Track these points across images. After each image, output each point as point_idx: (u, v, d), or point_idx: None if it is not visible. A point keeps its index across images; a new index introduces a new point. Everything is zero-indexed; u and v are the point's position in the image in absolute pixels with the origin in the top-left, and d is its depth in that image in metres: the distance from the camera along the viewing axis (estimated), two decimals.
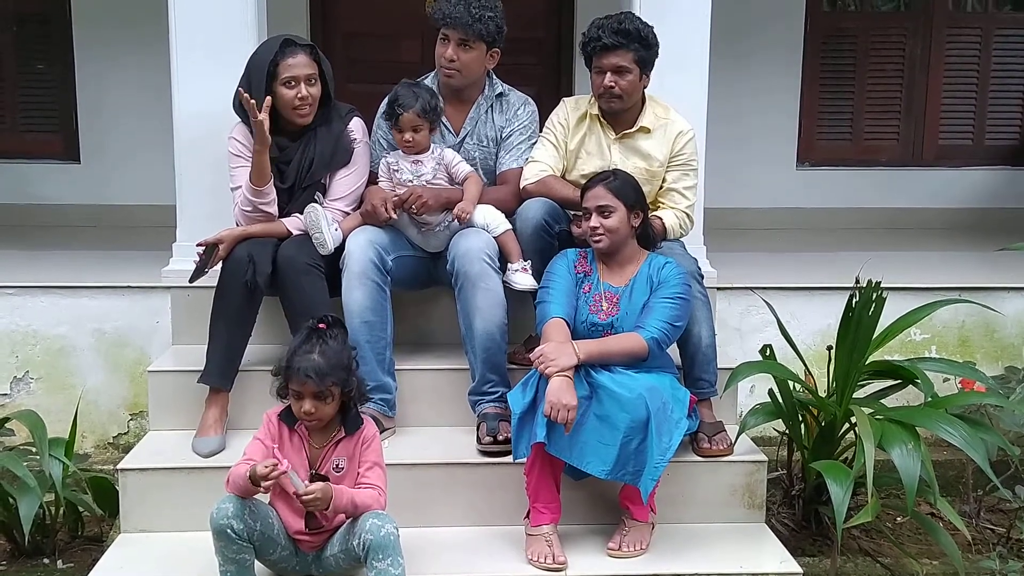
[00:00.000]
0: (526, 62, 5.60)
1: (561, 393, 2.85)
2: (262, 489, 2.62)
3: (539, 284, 3.27)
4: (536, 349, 2.99)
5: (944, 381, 3.63)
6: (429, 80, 3.61)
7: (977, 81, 5.95)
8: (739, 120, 5.60)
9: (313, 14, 5.58)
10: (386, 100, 3.53)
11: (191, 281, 3.33)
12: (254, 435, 2.78)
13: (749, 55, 5.62)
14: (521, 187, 3.51)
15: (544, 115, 3.66)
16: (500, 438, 3.19)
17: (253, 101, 3.19)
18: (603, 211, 3.14)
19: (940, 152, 5.99)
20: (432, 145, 3.45)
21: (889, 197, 5.86)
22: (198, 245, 3.30)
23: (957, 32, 5.93)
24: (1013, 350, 3.89)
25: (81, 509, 3.39)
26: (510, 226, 3.42)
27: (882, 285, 3.28)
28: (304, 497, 2.58)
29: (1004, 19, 5.97)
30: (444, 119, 3.51)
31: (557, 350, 2.95)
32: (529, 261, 3.38)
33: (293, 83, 3.31)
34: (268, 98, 3.23)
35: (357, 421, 2.80)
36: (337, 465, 2.76)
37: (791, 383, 3.31)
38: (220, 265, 3.28)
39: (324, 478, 2.70)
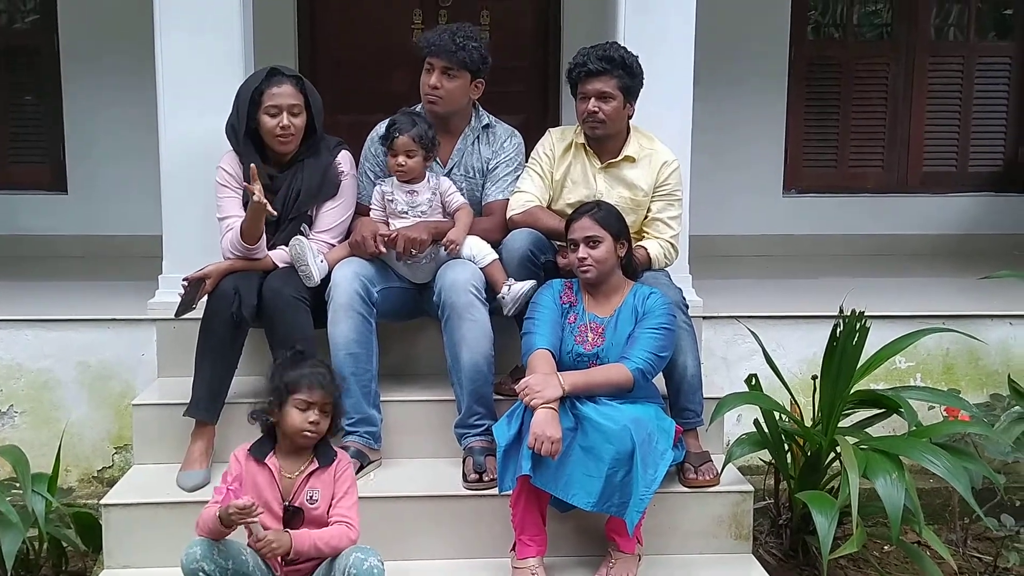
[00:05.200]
0: (513, 90, 5.63)
1: (546, 425, 2.85)
2: (231, 530, 2.60)
3: (529, 302, 3.27)
4: (521, 381, 3.00)
5: (929, 409, 3.64)
6: (418, 108, 3.63)
7: (960, 108, 6.00)
8: (725, 147, 5.64)
9: (302, 46, 5.62)
10: (380, 131, 3.56)
11: (176, 316, 3.32)
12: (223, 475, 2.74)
13: (735, 83, 5.66)
14: (507, 218, 3.52)
15: (530, 144, 3.69)
16: (487, 478, 3.19)
17: (256, 186, 3.21)
18: (590, 242, 3.16)
19: (924, 179, 6.04)
20: (428, 174, 3.46)
21: (875, 224, 5.89)
22: (184, 280, 3.30)
23: (939, 60, 5.99)
24: (997, 377, 3.90)
25: (65, 545, 3.36)
26: (496, 256, 3.42)
27: (866, 313, 3.30)
28: (257, 544, 2.58)
29: (985, 48, 6.03)
30: None
31: (542, 382, 2.95)
32: (512, 279, 3.38)
33: (276, 112, 3.33)
34: (253, 166, 3.23)
35: (331, 454, 2.80)
36: (311, 497, 2.75)
37: (777, 413, 3.32)
38: (206, 298, 3.28)
39: (299, 510, 2.70)
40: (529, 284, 3.31)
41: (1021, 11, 5.99)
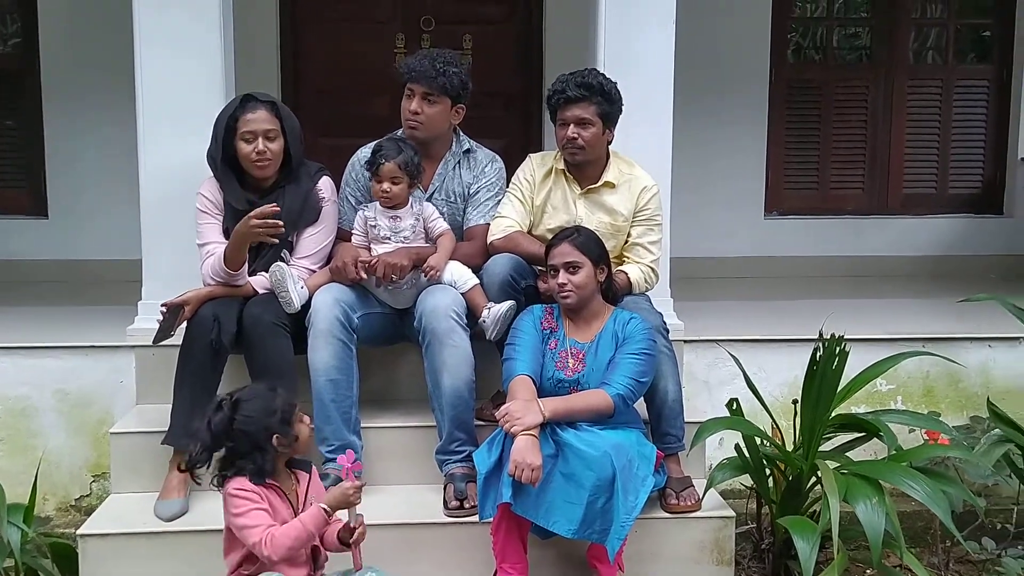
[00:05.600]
0: (495, 114, 5.66)
1: (526, 452, 2.85)
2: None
3: (510, 325, 3.28)
4: (501, 408, 2.99)
5: (910, 432, 3.64)
6: (400, 134, 3.63)
7: (939, 131, 6.06)
8: (707, 170, 5.66)
9: (284, 70, 5.62)
10: (361, 157, 3.57)
11: (155, 343, 3.31)
12: (241, 515, 2.56)
13: (715, 106, 5.69)
14: (488, 243, 3.53)
15: (511, 169, 3.70)
16: (468, 505, 3.17)
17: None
18: (570, 267, 3.17)
19: (905, 201, 6.08)
20: (411, 200, 3.46)
21: (856, 245, 5.92)
22: (163, 306, 3.29)
23: (918, 83, 6.05)
24: (977, 399, 3.92)
25: (41, 575, 3.32)
26: (477, 281, 3.42)
27: (846, 337, 3.32)
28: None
29: (963, 71, 6.10)
30: None
31: (522, 408, 2.95)
32: (491, 303, 3.38)
33: (251, 137, 3.34)
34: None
35: (306, 462, 2.80)
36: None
37: (758, 438, 3.32)
38: (185, 324, 3.27)
39: None
40: (508, 305, 3.31)
41: (997, 34, 6.05)
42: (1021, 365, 3.96)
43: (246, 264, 3.33)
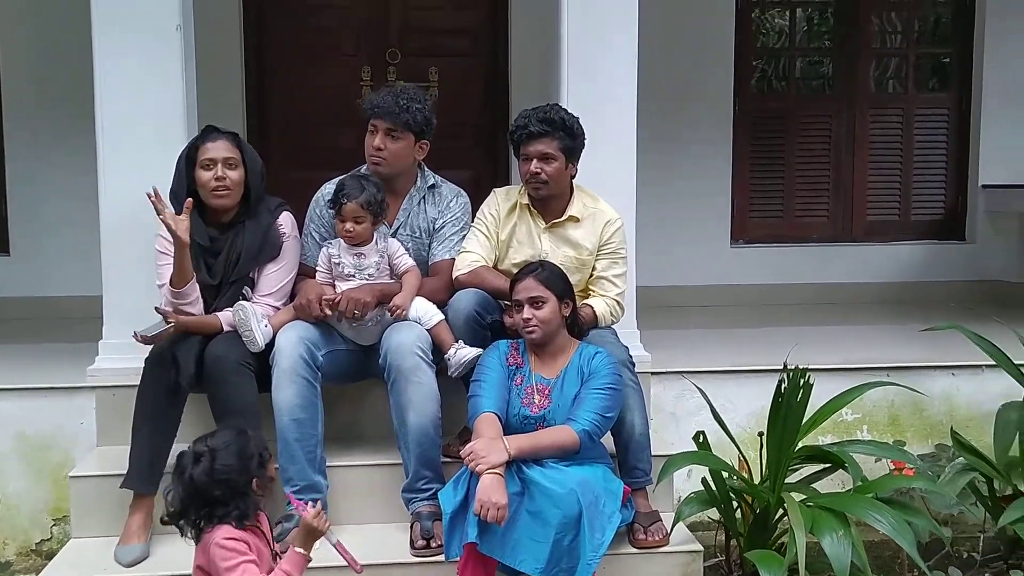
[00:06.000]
0: (462, 145, 5.68)
1: (491, 492, 2.83)
2: None
3: (475, 368, 3.26)
4: (467, 446, 2.98)
5: (876, 461, 3.66)
6: (364, 170, 3.62)
7: (901, 159, 6.14)
8: (673, 199, 5.71)
9: (250, 104, 5.60)
10: (325, 193, 3.56)
11: (140, 336, 3.25)
12: (232, 568, 2.48)
13: (680, 135, 5.74)
14: (453, 278, 3.52)
15: (477, 202, 3.70)
16: (434, 544, 3.14)
17: (164, 201, 3.21)
18: (535, 302, 3.17)
19: (869, 228, 6.15)
20: (376, 236, 3.45)
21: (822, 273, 5.97)
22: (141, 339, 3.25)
23: (880, 112, 6.13)
24: (942, 428, 3.94)
25: None
26: (443, 317, 3.41)
27: (811, 366, 3.35)
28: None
29: (924, 99, 6.19)
30: None
31: (487, 447, 2.93)
32: (461, 341, 3.36)
33: (210, 164, 3.32)
34: (189, 200, 3.22)
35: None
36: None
37: (725, 472, 3.32)
38: (142, 366, 3.24)
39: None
40: (474, 353, 3.29)
41: (956, 63, 6.16)
42: (983, 393, 3.99)
43: (196, 286, 3.28)
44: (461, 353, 3.29)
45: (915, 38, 6.22)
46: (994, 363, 3.76)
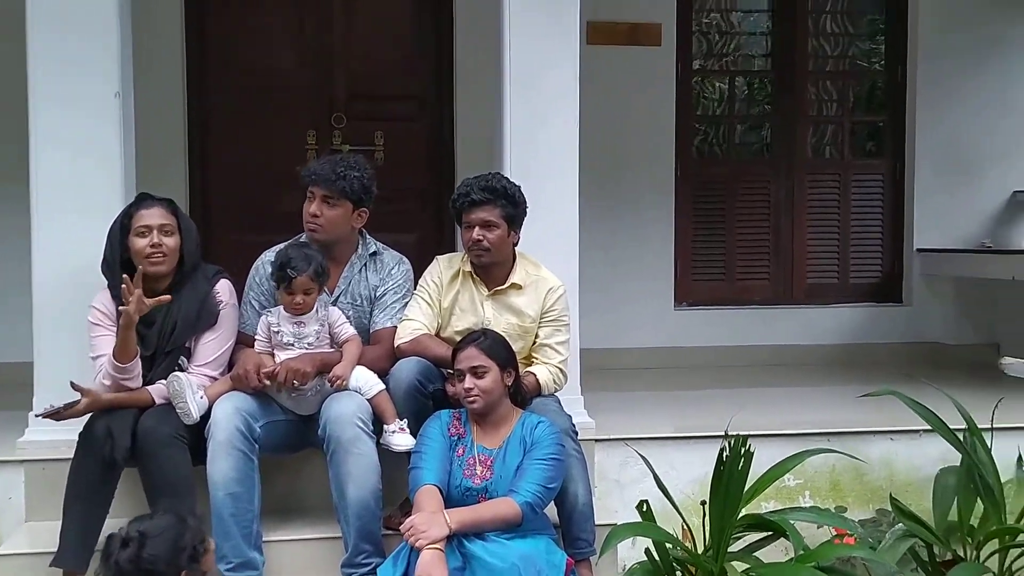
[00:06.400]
0: (408, 208, 5.69)
1: (431, 568, 2.78)
2: None
3: (417, 438, 3.22)
4: (407, 521, 2.93)
5: (819, 528, 3.67)
6: (304, 238, 3.61)
7: (839, 223, 6.27)
8: (617, 262, 5.77)
9: (192, 168, 5.55)
10: (266, 261, 3.52)
11: (41, 414, 3.18)
12: None
13: (624, 199, 5.82)
14: (395, 346, 3.50)
15: (423, 265, 3.70)
16: None
17: (128, 287, 3.14)
18: (476, 372, 3.16)
19: (809, 291, 6.25)
20: (316, 304, 3.41)
21: (764, 335, 6.04)
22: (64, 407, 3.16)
23: (817, 177, 6.27)
24: (882, 492, 3.97)
25: None
26: (383, 387, 3.38)
27: (753, 432, 3.37)
28: None
29: (859, 165, 6.35)
30: None
31: (428, 521, 2.89)
32: (405, 420, 3.33)
33: (146, 231, 3.28)
34: (128, 276, 3.16)
35: None
36: None
37: (668, 543, 3.30)
38: (77, 438, 3.14)
39: None
40: (407, 445, 3.25)
41: (890, 130, 6.33)
42: (922, 457, 4.04)
43: (138, 360, 3.22)
44: (396, 440, 3.26)
45: (850, 106, 6.40)
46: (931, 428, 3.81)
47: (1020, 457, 4.01)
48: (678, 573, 3.33)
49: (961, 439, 3.71)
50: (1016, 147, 6.22)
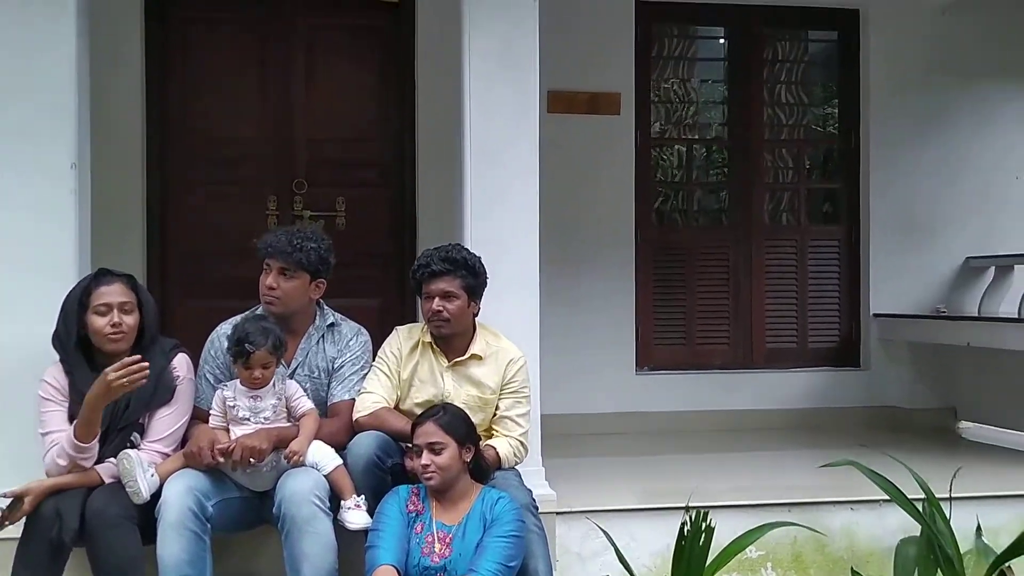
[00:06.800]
0: (371, 274, 5.67)
1: None
2: None
3: (375, 515, 3.17)
4: None
5: None
6: (260, 310, 3.58)
7: (796, 288, 6.33)
8: (578, 328, 5.76)
9: (150, 236, 5.50)
10: (221, 334, 3.48)
11: None
12: None
13: (585, 265, 5.85)
14: (353, 419, 3.46)
15: (385, 331, 3.68)
16: None
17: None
18: (434, 448, 3.13)
19: (769, 355, 6.28)
20: (273, 378, 3.37)
21: (725, 400, 6.05)
22: (2, 496, 3.07)
23: (774, 243, 6.34)
24: (844, 563, 3.96)
25: None
26: (341, 462, 3.33)
27: (716, 503, 3.35)
28: None
29: (816, 230, 6.44)
30: None
31: None
32: (363, 496, 3.28)
33: (105, 310, 3.22)
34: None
35: None
36: None
37: None
38: (24, 519, 3.05)
39: None
40: (362, 524, 3.19)
41: (845, 197, 6.44)
42: (882, 528, 4.03)
43: (96, 443, 3.15)
44: (350, 519, 3.21)
45: (806, 172, 6.52)
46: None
47: (979, 526, 4.02)
48: None
49: (920, 509, 3.72)
50: (968, 212, 6.34)
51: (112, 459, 3.18)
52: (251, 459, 3.19)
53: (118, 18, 5.23)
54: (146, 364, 3.09)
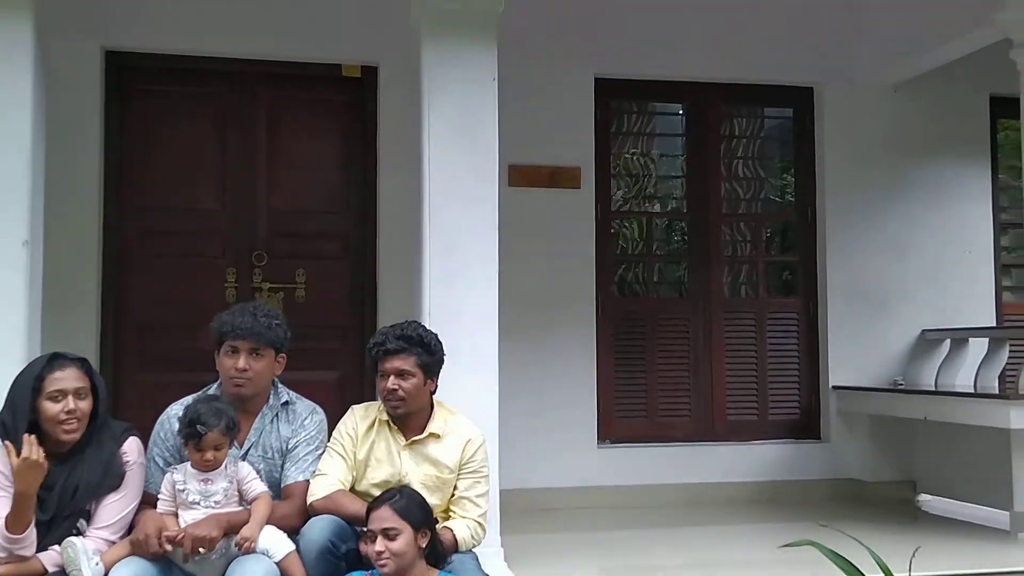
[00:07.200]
0: (329, 346, 5.62)
1: None
2: None
3: None
4: None
5: None
6: (213, 390, 3.53)
7: (756, 360, 6.35)
8: (539, 400, 5.71)
9: (105, 309, 5.41)
10: (171, 416, 3.42)
11: None
12: None
13: (545, 339, 5.82)
14: (308, 503, 3.39)
15: (342, 406, 3.65)
16: None
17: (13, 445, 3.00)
18: (388, 534, 3.07)
19: (730, 428, 6.27)
20: (225, 460, 3.30)
21: (687, 473, 6.00)
22: None
23: (734, 316, 6.37)
24: None
25: None
26: (293, 547, 3.24)
27: None
28: None
29: (774, 304, 6.48)
30: None
31: None
32: None
33: (60, 396, 3.15)
34: (31, 436, 3.03)
35: None
36: None
37: None
38: None
39: None
40: None
41: (802, 270, 6.52)
42: None
43: (32, 529, 3.04)
44: None
45: (764, 246, 6.60)
46: None
47: None
48: None
49: None
50: (923, 285, 6.42)
51: (56, 547, 3.08)
52: (200, 548, 3.11)
53: (77, 90, 5.22)
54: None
